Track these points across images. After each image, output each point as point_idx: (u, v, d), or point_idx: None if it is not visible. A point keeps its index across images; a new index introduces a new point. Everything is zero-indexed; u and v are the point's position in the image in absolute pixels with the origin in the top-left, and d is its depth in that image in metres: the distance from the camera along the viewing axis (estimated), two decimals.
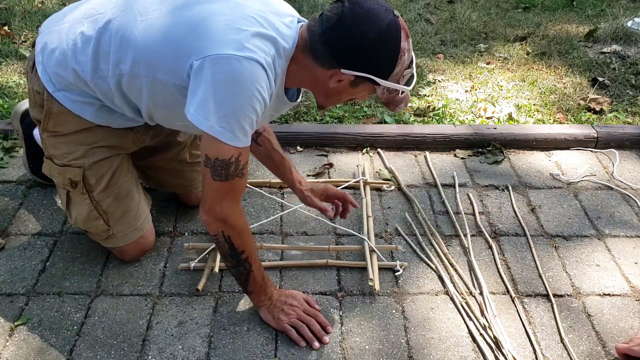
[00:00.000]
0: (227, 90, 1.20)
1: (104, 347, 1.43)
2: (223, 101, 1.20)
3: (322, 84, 1.32)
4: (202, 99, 1.20)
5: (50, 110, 1.46)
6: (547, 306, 1.59)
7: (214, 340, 1.46)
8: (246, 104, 1.22)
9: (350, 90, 1.33)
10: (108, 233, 1.59)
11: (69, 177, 1.53)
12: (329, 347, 1.45)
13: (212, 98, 1.20)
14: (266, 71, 1.24)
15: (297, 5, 3.37)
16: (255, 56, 1.21)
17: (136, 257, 1.67)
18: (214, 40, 1.22)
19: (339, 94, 1.36)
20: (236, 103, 1.21)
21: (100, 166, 1.53)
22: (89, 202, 1.55)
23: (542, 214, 1.94)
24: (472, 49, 3.12)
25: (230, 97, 1.21)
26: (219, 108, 1.20)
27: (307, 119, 2.40)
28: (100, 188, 1.54)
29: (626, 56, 3.07)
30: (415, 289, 1.63)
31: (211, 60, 1.20)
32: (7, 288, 1.58)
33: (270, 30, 1.26)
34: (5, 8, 3.29)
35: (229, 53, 1.20)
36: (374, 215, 1.88)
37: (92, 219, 1.57)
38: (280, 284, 1.62)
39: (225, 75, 1.20)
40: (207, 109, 1.20)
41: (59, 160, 1.53)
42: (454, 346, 1.46)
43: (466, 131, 2.29)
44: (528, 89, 2.72)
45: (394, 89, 1.30)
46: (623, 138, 2.30)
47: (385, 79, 1.27)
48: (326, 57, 1.26)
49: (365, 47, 1.23)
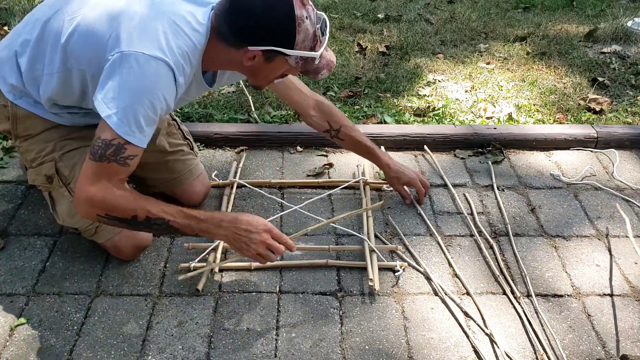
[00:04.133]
0: (130, 86, 1.28)
1: (104, 347, 1.43)
2: (124, 96, 1.28)
3: (241, 65, 1.38)
4: (107, 91, 1.28)
5: (16, 116, 1.56)
6: (547, 306, 1.59)
7: (214, 340, 1.46)
8: (146, 102, 1.29)
9: (268, 65, 1.38)
10: (95, 225, 1.59)
11: (45, 173, 1.58)
12: (329, 347, 1.45)
13: (116, 91, 1.28)
14: (174, 73, 1.31)
15: None
16: (164, 57, 1.29)
17: (133, 256, 1.67)
18: (126, 36, 1.30)
19: (262, 72, 1.41)
20: (136, 100, 1.28)
21: (70, 156, 1.57)
22: (68, 194, 1.58)
23: (542, 214, 1.94)
24: (472, 49, 3.12)
25: (132, 94, 1.28)
26: (120, 101, 1.27)
27: None
28: (76, 178, 1.55)
29: (626, 56, 3.07)
30: (415, 289, 1.63)
31: (122, 56, 1.28)
32: (7, 288, 1.58)
33: (184, 25, 1.34)
34: (5, 8, 3.30)
35: (138, 51, 1.27)
36: (374, 215, 1.88)
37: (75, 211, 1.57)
38: (280, 284, 1.62)
39: (131, 73, 1.27)
40: (109, 100, 1.28)
41: (34, 162, 1.60)
42: (454, 346, 1.46)
43: (466, 131, 2.29)
44: (528, 89, 2.72)
45: (308, 58, 1.36)
46: (623, 138, 2.30)
47: (292, 49, 1.32)
48: (232, 38, 1.34)
49: (257, 20, 1.30)
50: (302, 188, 2.01)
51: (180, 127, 1.91)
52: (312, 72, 1.41)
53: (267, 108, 2.44)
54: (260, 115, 2.38)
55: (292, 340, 1.46)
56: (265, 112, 2.41)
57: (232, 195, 1.93)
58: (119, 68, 1.28)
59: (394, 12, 3.52)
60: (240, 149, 2.23)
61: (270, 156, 2.20)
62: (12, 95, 1.53)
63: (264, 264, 1.49)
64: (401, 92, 2.64)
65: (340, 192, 1.99)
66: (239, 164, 2.10)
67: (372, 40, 3.14)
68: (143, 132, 1.32)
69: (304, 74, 1.42)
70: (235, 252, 1.51)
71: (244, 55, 1.35)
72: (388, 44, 3.10)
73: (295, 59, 1.36)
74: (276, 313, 1.54)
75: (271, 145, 2.24)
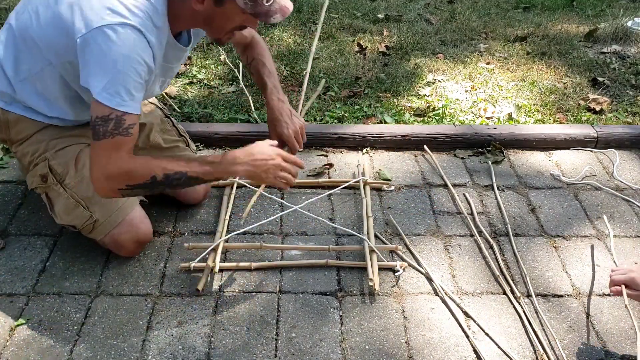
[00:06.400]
0: (107, 60, 1.30)
1: (104, 347, 1.43)
2: (106, 70, 1.30)
3: (195, 14, 1.40)
4: (88, 71, 1.32)
5: (7, 121, 1.58)
6: (547, 306, 1.59)
7: (214, 340, 1.46)
8: (128, 69, 1.31)
9: (219, 10, 1.39)
10: (92, 220, 1.58)
11: (39, 173, 1.59)
12: (329, 347, 1.45)
13: (96, 68, 1.31)
14: (143, 33, 1.33)
15: (297, 5, 3.38)
16: (127, 20, 1.31)
17: (134, 251, 1.66)
18: (88, 15, 1.31)
19: (214, 18, 1.41)
20: (117, 70, 1.30)
21: (63, 154, 1.59)
22: (63, 191, 1.59)
23: (542, 214, 1.94)
24: (472, 49, 3.11)
25: (111, 66, 1.30)
26: (103, 76, 1.30)
27: (307, 119, 2.40)
28: (70, 174, 1.58)
29: (626, 56, 3.07)
30: (415, 289, 1.63)
31: (89, 35, 1.30)
32: (7, 288, 1.58)
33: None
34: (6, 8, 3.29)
35: (102, 24, 1.29)
36: (374, 215, 1.88)
37: (72, 208, 1.58)
38: (280, 284, 1.62)
39: (103, 47, 1.29)
40: (94, 77, 1.31)
41: (31, 165, 1.61)
42: (454, 346, 1.46)
43: (466, 131, 2.29)
44: (528, 89, 2.72)
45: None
46: (623, 138, 2.30)
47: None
48: None
49: None
50: (302, 188, 2.01)
51: (175, 125, 1.91)
52: (263, 15, 1.38)
53: None
54: (260, 115, 2.38)
55: (292, 340, 1.46)
56: (265, 112, 2.41)
57: (232, 195, 1.93)
58: (91, 46, 1.30)
59: (394, 12, 3.52)
60: None
61: None
62: (3, 103, 1.55)
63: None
64: (401, 92, 2.64)
65: (340, 192, 1.99)
66: None
67: (372, 40, 3.14)
68: (134, 99, 1.35)
69: (256, 17, 1.40)
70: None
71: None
72: (388, 44, 3.10)
73: (244, 0, 1.35)
74: (276, 313, 1.54)
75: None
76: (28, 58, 1.46)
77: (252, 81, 2.65)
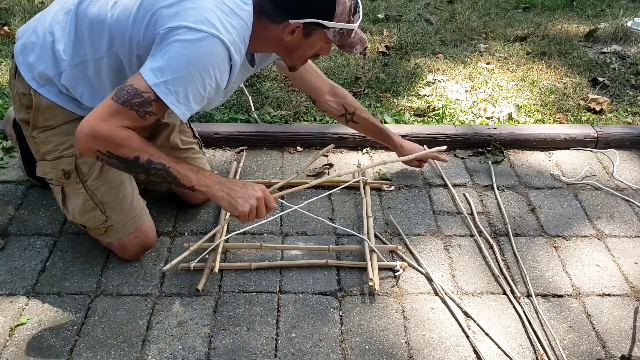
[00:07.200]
0: (184, 59, 1.27)
1: (104, 347, 1.43)
2: (176, 68, 1.27)
3: (281, 41, 1.41)
4: (159, 61, 1.27)
5: (38, 105, 1.52)
6: (547, 306, 1.59)
7: (214, 340, 1.46)
8: (197, 77, 1.29)
9: (306, 41, 1.41)
10: (107, 224, 1.58)
11: (62, 168, 1.56)
12: (329, 347, 1.45)
13: (168, 62, 1.27)
14: (229, 51, 1.31)
15: None
16: (219, 34, 1.28)
17: (137, 255, 1.67)
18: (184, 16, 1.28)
19: (299, 48, 1.45)
20: (188, 72, 1.28)
21: None
22: (84, 191, 1.56)
23: (542, 214, 1.94)
24: (472, 49, 3.11)
25: (184, 66, 1.27)
26: (171, 72, 1.27)
27: (307, 119, 2.40)
28: (94, 176, 1.56)
29: (626, 56, 3.07)
30: (415, 289, 1.63)
31: (177, 30, 1.26)
32: (7, 288, 1.58)
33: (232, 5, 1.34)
34: (6, 8, 3.30)
35: (196, 27, 1.26)
36: (374, 215, 1.88)
37: (89, 209, 1.57)
38: (280, 284, 1.63)
39: (186, 44, 1.26)
40: (160, 69, 1.27)
41: (51, 155, 1.56)
42: (454, 346, 1.47)
43: (466, 131, 2.29)
44: (528, 89, 2.72)
45: (345, 30, 1.40)
46: (623, 138, 2.30)
47: (331, 21, 1.36)
48: (274, 12, 1.36)
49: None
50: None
51: (191, 126, 1.91)
52: (347, 46, 1.45)
53: (267, 108, 2.44)
54: (260, 115, 2.38)
55: (292, 340, 1.46)
56: (265, 112, 2.41)
57: None
58: (173, 38, 1.26)
59: (394, 12, 3.52)
60: (240, 149, 2.23)
61: (270, 156, 2.20)
62: (36, 83, 1.49)
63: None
64: (401, 92, 2.64)
65: (340, 192, 1.99)
66: (239, 164, 2.10)
67: (372, 40, 3.14)
68: (188, 105, 1.32)
69: (340, 48, 1.45)
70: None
71: (285, 29, 1.37)
72: (388, 44, 3.10)
73: (334, 32, 1.39)
74: (276, 313, 1.54)
75: (271, 145, 2.24)
76: (89, 45, 1.41)
77: (251, 81, 2.65)
